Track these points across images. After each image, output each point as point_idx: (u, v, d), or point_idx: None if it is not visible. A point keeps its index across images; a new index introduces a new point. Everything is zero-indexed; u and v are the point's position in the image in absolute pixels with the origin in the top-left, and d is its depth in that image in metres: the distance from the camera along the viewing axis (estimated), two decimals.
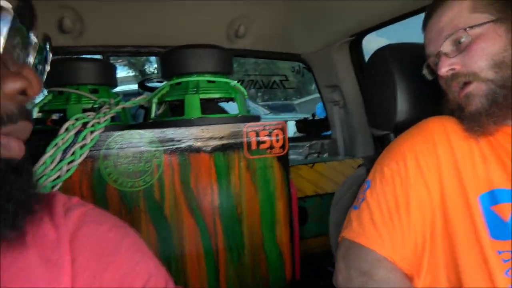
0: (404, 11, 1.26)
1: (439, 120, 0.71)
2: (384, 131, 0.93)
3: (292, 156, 2.01)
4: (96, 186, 0.91)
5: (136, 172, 0.93)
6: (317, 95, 1.88)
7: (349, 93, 1.64)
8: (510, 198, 0.60)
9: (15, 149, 0.36)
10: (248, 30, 1.51)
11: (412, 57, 0.89)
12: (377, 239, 0.63)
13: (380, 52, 0.89)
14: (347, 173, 1.51)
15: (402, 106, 0.84)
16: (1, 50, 0.34)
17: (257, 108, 6.80)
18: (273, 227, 1.08)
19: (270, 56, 1.79)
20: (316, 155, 1.89)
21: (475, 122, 0.64)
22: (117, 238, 0.45)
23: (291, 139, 2.06)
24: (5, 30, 0.34)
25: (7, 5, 0.35)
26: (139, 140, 0.93)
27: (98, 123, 0.89)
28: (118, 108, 0.99)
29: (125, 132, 0.92)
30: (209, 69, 1.06)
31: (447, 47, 0.68)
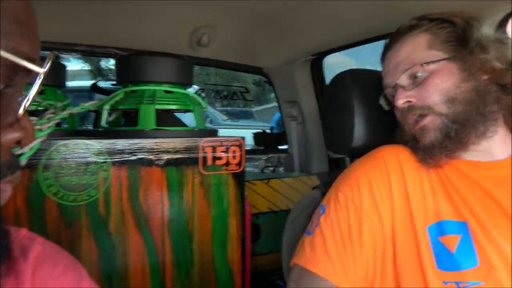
0: (366, 36, 1.29)
1: (393, 149, 0.72)
2: (340, 155, 0.94)
3: (248, 169, 2.00)
4: (33, 199, 0.83)
5: (80, 185, 0.87)
6: (276, 103, 1.89)
7: (308, 110, 1.66)
8: (456, 230, 0.62)
9: (9, 196, 0.36)
10: (211, 40, 1.48)
11: (372, 84, 0.91)
12: (329, 268, 0.63)
13: (341, 76, 0.90)
14: (302, 190, 1.52)
15: (359, 132, 0.85)
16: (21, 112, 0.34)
17: (215, 113, 6.74)
18: (225, 245, 1.05)
19: (232, 67, 1.77)
20: (272, 168, 1.89)
21: (428, 154, 0.67)
22: (73, 282, 0.43)
23: (248, 151, 2.05)
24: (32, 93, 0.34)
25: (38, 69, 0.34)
26: (86, 150, 0.87)
27: (40, 130, 0.81)
28: (64, 114, 0.92)
29: (70, 141, 0.85)
30: (168, 79, 1.01)
31: (404, 80, 0.70)
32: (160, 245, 0.97)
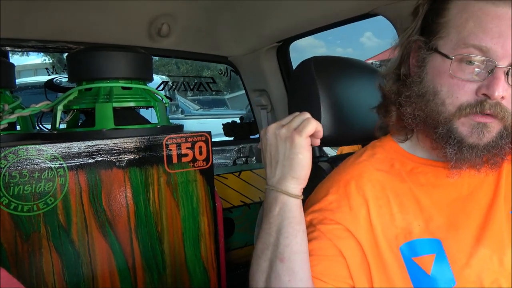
0: (332, 20, 1.27)
1: (357, 172, 0.65)
2: None
3: (220, 161, 1.96)
4: None
5: (35, 193, 0.81)
6: None
7: (277, 98, 1.62)
8: (430, 249, 0.57)
9: None
10: (172, 29, 1.41)
11: (337, 71, 0.89)
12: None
13: (304, 65, 0.88)
14: None
15: (326, 121, 0.83)
16: None
17: (186, 103, 6.61)
18: (197, 244, 1.02)
19: (196, 57, 1.71)
20: (244, 159, 1.86)
21: (466, 156, 0.55)
22: None
23: (218, 143, 2.01)
24: None
25: None
26: (38, 156, 0.81)
27: None
28: (13, 117, 0.85)
29: (19, 148, 0.79)
30: (124, 74, 0.95)
31: None
32: (129, 250, 0.93)
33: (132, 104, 0.95)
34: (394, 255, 0.58)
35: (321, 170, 0.92)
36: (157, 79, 1.87)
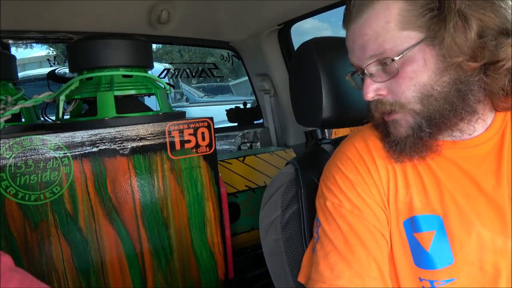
0: (332, 1, 1.25)
1: (362, 141, 0.67)
2: (311, 127, 0.92)
3: (224, 147, 1.97)
4: None
5: (41, 183, 0.82)
6: None
7: (279, 82, 1.62)
8: (430, 226, 0.58)
9: None
10: (171, 16, 1.40)
11: (338, 52, 0.87)
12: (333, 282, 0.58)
13: (305, 47, 0.87)
14: (279, 165, 1.51)
15: (327, 102, 0.83)
16: None
17: (190, 91, 6.60)
18: (203, 229, 1.04)
19: (197, 44, 1.70)
20: (249, 144, 1.86)
21: (397, 150, 0.61)
22: None
23: (223, 129, 2.01)
24: None
25: None
26: (42, 146, 0.81)
27: None
28: (16, 109, 0.86)
29: (23, 138, 0.79)
30: (125, 62, 0.95)
31: (372, 68, 0.59)
32: (136, 236, 0.95)
33: (133, 92, 0.95)
34: (398, 230, 0.60)
35: (324, 152, 0.92)
36: (160, 67, 1.87)
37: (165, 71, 1.81)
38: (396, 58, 0.55)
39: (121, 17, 1.36)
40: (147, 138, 0.92)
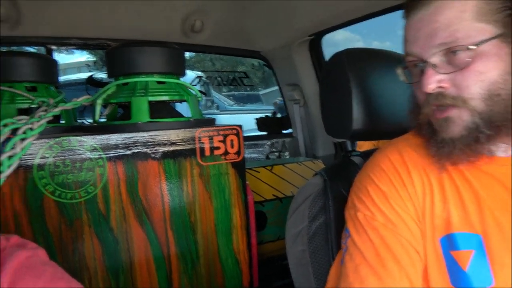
0: (365, 12, 1.24)
1: (395, 152, 0.64)
2: (340, 139, 0.91)
3: (253, 155, 1.98)
4: (31, 199, 0.82)
5: (77, 182, 0.85)
6: None
7: (309, 92, 1.62)
8: (469, 245, 0.55)
9: None
10: (205, 25, 1.44)
11: (370, 64, 0.87)
12: None
13: (336, 57, 0.86)
14: (306, 175, 1.50)
15: (358, 114, 0.82)
16: None
17: (221, 99, 6.70)
18: (229, 235, 1.04)
19: (229, 52, 1.73)
20: (277, 153, 1.86)
21: (445, 152, 0.57)
22: None
23: (251, 138, 2.02)
24: None
25: None
26: (79, 147, 0.85)
27: (31, 129, 0.80)
28: (56, 111, 0.90)
29: (62, 139, 0.83)
30: (159, 69, 0.98)
31: (437, 58, 0.55)
32: (164, 239, 0.96)
33: (166, 98, 0.98)
34: (434, 247, 0.57)
35: (354, 164, 0.91)
36: (192, 74, 1.91)
37: (197, 79, 1.85)
38: (473, 47, 0.52)
39: (157, 26, 1.41)
40: (178, 143, 0.94)
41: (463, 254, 0.55)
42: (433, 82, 0.55)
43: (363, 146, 1.68)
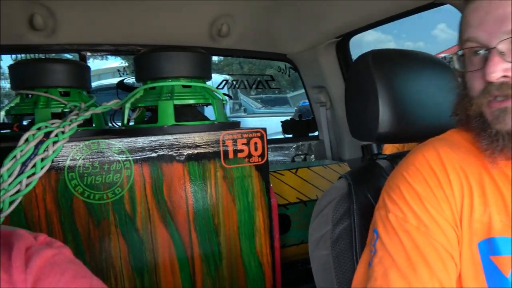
0: (393, 13, 1.21)
1: (433, 152, 0.61)
2: (366, 142, 0.89)
3: (278, 158, 1.98)
4: (62, 199, 0.85)
5: (105, 183, 0.88)
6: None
7: (336, 95, 1.59)
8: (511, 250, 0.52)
9: None
10: (231, 29, 1.46)
11: (396, 65, 0.85)
12: None
13: (362, 59, 0.85)
14: (332, 179, 1.48)
15: (384, 117, 0.80)
16: None
17: (249, 102, 6.74)
18: (252, 238, 1.04)
19: (255, 56, 1.73)
20: (303, 156, 1.85)
21: (499, 145, 0.53)
22: None
23: (277, 140, 2.02)
24: None
25: None
26: (108, 150, 0.88)
27: (63, 132, 0.83)
28: (87, 115, 0.93)
29: (92, 142, 0.86)
30: (185, 74, 1.00)
31: (505, 44, 0.51)
32: (187, 240, 0.98)
33: (191, 101, 0.99)
34: (471, 252, 0.54)
35: (380, 168, 0.88)
36: (219, 78, 1.94)
37: (224, 82, 1.87)
38: None
39: (185, 31, 1.44)
40: (202, 146, 0.95)
41: (505, 260, 0.52)
42: (499, 70, 0.51)
43: (387, 149, 1.63)
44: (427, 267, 0.54)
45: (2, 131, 1.07)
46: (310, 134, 1.94)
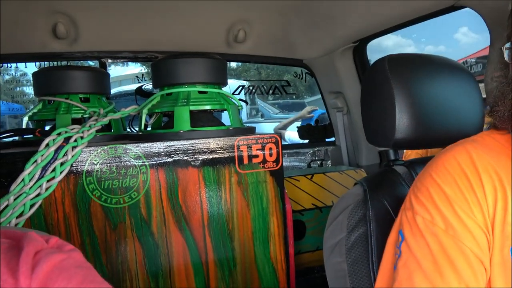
0: (411, 17, 1.20)
1: (464, 152, 0.58)
2: (382, 147, 0.88)
3: (294, 163, 1.97)
4: (80, 203, 0.87)
5: (121, 188, 0.90)
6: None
7: (353, 100, 1.58)
8: None
9: None
10: (248, 35, 1.47)
11: (414, 69, 0.83)
12: None
13: (378, 64, 0.84)
14: (348, 185, 1.46)
15: (401, 122, 0.78)
16: None
17: (266, 107, 6.74)
18: (267, 244, 1.04)
19: (271, 61, 1.74)
20: (319, 162, 1.84)
21: None
22: None
23: (292, 146, 2.01)
24: None
25: None
26: (124, 154, 0.90)
27: (81, 137, 0.85)
28: (105, 120, 0.95)
29: (109, 147, 0.88)
30: (200, 80, 1.01)
31: None
32: (202, 245, 0.98)
33: (207, 107, 1.00)
34: (502, 257, 0.52)
35: (397, 174, 0.87)
36: (235, 83, 1.95)
37: (240, 88, 1.88)
38: None
39: (201, 37, 1.46)
40: (217, 151, 0.96)
41: None
42: None
43: (410, 155, 1.60)
44: (454, 272, 0.51)
45: (25, 136, 1.10)
46: (326, 140, 1.93)
